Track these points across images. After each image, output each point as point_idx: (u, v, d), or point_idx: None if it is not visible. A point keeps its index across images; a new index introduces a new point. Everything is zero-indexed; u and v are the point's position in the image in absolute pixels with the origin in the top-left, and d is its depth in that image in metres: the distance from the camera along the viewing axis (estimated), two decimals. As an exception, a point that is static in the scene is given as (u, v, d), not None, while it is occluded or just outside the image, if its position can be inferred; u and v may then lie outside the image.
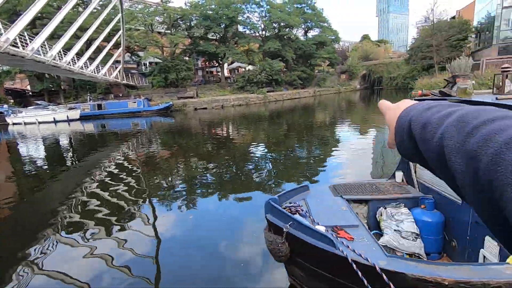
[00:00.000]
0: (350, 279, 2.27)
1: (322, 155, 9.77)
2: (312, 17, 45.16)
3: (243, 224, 5.03)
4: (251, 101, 34.18)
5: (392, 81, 48.15)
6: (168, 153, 11.78)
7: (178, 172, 8.80)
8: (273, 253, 2.71)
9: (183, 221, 5.35)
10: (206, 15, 35.05)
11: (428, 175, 3.50)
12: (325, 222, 2.75)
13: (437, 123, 0.40)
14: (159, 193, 6.89)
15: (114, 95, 32.68)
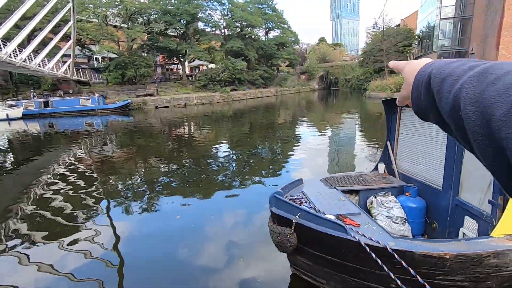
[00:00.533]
0: (361, 261, 2.44)
1: (284, 153, 9.96)
2: (273, 18, 46.09)
3: (206, 225, 4.87)
4: (215, 100, 33.77)
5: (347, 82, 51.27)
6: (126, 154, 11.00)
7: (138, 173, 8.25)
8: (280, 244, 2.78)
9: (143, 225, 5.03)
10: (166, 10, 33.73)
11: (408, 166, 3.87)
12: (329, 212, 2.89)
13: (458, 75, 0.39)
14: (116, 196, 6.41)
15: (63, 91, 29.85)
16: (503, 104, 0.29)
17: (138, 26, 31.66)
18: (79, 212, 5.51)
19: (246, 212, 5.22)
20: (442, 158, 3.24)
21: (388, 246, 2.24)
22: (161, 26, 34.52)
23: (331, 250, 2.61)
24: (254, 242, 4.20)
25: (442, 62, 0.46)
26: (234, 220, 4.94)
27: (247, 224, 4.82)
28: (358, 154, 9.26)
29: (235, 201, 5.77)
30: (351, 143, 11.17)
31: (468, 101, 0.34)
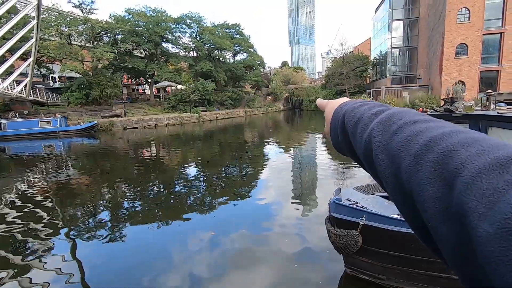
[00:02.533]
0: (427, 252, 2.80)
1: (253, 173, 10.02)
2: (241, 42, 47.82)
3: (174, 251, 4.66)
4: (186, 121, 33.39)
5: (311, 103, 54.22)
6: (89, 179, 10.24)
7: (101, 199, 7.72)
8: (346, 246, 3.05)
9: (106, 253, 4.70)
10: (134, 31, 33.31)
11: None
12: (386, 214, 3.25)
13: (367, 120, 0.42)
14: (76, 225, 5.93)
15: (17, 112, 27.27)
16: (406, 156, 0.31)
17: (104, 45, 30.68)
18: (34, 244, 5.05)
19: (215, 235, 5.07)
20: None
21: None
22: (129, 46, 33.86)
23: (397, 246, 2.94)
24: (224, 265, 4.14)
25: (353, 104, 0.52)
26: (202, 244, 4.79)
27: (217, 246, 4.68)
28: (324, 172, 9.56)
29: (204, 224, 5.65)
30: (317, 161, 11.44)
31: (378, 148, 0.37)
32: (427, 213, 0.27)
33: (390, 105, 0.46)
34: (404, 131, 0.34)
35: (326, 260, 4.16)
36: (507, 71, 25.37)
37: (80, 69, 28.04)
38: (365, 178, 8.49)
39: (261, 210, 6.31)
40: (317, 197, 7.12)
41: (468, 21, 25.46)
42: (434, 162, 0.27)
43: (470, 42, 25.67)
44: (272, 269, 4.03)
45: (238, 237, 4.98)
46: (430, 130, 0.31)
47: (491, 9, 25.16)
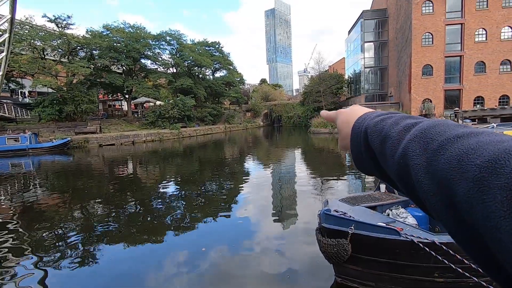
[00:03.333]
0: (410, 258, 2.99)
1: (233, 189, 9.91)
2: (220, 59, 48.58)
3: (150, 274, 4.45)
4: (165, 137, 32.87)
5: (290, 119, 55.50)
6: (60, 199, 9.69)
7: (73, 220, 7.26)
8: (337, 255, 3.18)
9: (78, 280, 4.42)
10: (112, 47, 32.91)
11: None
12: (373, 222, 3.43)
13: (397, 137, 0.38)
14: (45, 249, 5.53)
15: (-19, 129, 25.57)
16: (461, 182, 0.26)
17: (80, 60, 29.96)
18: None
19: (193, 256, 4.97)
20: None
21: (436, 240, 2.86)
22: (106, 62, 33.29)
23: (385, 252, 3.10)
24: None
25: (374, 118, 0.46)
26: (180, 266, 4.63)
27: (196, 268, 4.54)
28: (303, 187, 9.67)
29: (182, 244, 5.52)
30: (296, 176, 11.53)
31: (418, 171, 0.32)
32: (507, 255, 0.22)
33: (416, 115, 0.42)
34: (450, 149, 0.29)
35: (311, 275, 4.22)
36: (468, 90, 27.64)
37: (53, 84, 27.06)
38: (343, 192, 8.78)
39: (241, 227, 6.28)
40: (297, 212, 7.20)
41: (432, 45, 27.72)
42: (506, 189, 0.22)
43: (435, 64, 27.84)
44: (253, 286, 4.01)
45: (218, 257, 4.89)
46: (485, 146, 0.27)
47: (451, 34, 27.64)
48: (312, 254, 4.77)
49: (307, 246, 5.12)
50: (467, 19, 26.93)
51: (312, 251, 4.86)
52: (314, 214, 6.78)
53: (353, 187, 9.48)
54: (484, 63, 27.24)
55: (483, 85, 27.37)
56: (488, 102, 26.98)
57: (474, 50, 27.18)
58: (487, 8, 26.63)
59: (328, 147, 22.00)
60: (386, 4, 35.52)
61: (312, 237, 5.41)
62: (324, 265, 4.33)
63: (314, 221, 6.28)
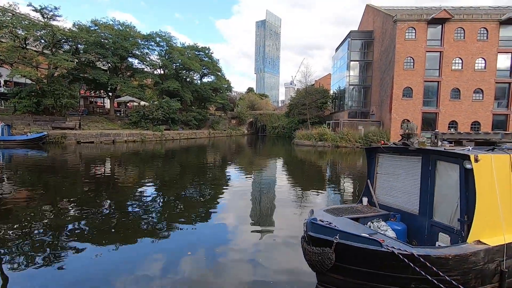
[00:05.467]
0: (390, 268, 3.16)
1: (212, 196, 9.84)
2: (209, 65, 48.64)
3: (121, 280, 4.30)
4: (147, 138, 32.21)
5: (274, 129, 56.12)
6: (29, 195, 9.29)
7: (41, 219, 6.94)
8: (321, 263, 3.29)
9: (42, 282, 4.23)
10: (99, 43, 32.18)
11: (386, 198, 4.99)
12: (356, 233, 3.58)
13: None
14: (7, 247, 5.28)
15: (-52, 116, 24.00)
16: None
17: (64, 54, 29.01)
18: None
19: (166, 260, 4.93)
20: (417, 189, 4.41)
21: (415, 253, 3.04)
22: (92, 57, 32.43)
23: (367, 262, 3.25)
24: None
25: None
26: (153, 272, 4.52)
27: (169, 274, 4.46)
28: (283, 196, 9.77)
29: (157, 249, 5.40)
30: (277, 186, 11.50)
31: None
32: None
33: None
34: None
35: (290, 284, 4.27)
36: (443, 114, 29.22)
37: (33, 76, 25.97)
38: (322, 203, 8.98)
39: (219, 234, 6.27)
40: (276, 221, 7.28)
41: (413, 69, 29.21)
42: None
43: (415, 87, 29.30)
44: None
45: (193, 263, 4.84)
46: None
47: (430, 60, 29.30)
48: (290, 264, 4.86)
49: (285, 255, 5.20)
50: (446, 48, 28.70)
51: (289, 260, 4.96)
52: (292, 225, 6.92)
53: (332, 199, 9.71)
54: (459, 90, 28.99)
55: (458, 111, 29.06)
56: (462, 127, 28.62)
57: (450, 77, 28.91)
58: (464, 39, 28.54)
59: (310, 159, 22.40)
60: (372, 26, 37.21)
61: (290, 247, 5.54)
62: (303, 275, 4.43)
63: (293, 231, 6.42)
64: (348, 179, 14.00)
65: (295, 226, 6.76)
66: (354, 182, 13.21)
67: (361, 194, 5.42)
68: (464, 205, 3.67)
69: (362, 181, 13.75)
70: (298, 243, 5.71)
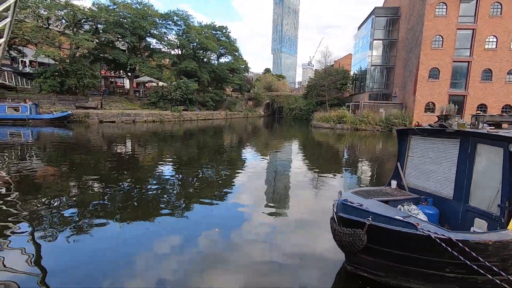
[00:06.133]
0: (426, 251, 3.09)
1: (228, 176, 9.92)
2: (227, 44, 47.91)
3: (140, 253, 4.50)
4: (166, 118, 32.72)
5: (291, 111, 55.36)
6: (56, 172, 9.79)
7: (68, 194, 7.35)
8: (351, 244, 3.27)
9: (70, 252, 4.54)
10: (118, 22, 32.26)
11: (417, 181, 4.83)
12: (389, 215, 3.47)
13: None
14: (39, 220, 5.64)
15: (-19, 95, 25.27)
16: None
17: (85, 34, 29.39)
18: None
19: (184, 238, 5.08)
20: (452, 173, 4.22)
21: (453, 237, 2.94)
22: (111, 37, 32.70)
23: (400, 245, 3.19)
24: (192, 270, 4.09)
25: None
26: (170, 246, 4.73)
27: (186, 250, 4.62)
28: (298, 179, 9.72)
29: (174, 226, 5.60)
30: (292, 169, 11.53)
31: None
32: None
33: None
34: None
35: (306, 266, 4.30)
36: (472, 96, 27.64)
37: (57, 55, 26.64)
38: (339, 187, 8.86)
39: (235, 214, 6.35)
40: (291, 203, 7.30)
41: (441, 48, 27.49)
42: None
43: (442, 67, 27.69)
44: (243, 273, 4.10)
45: (209, 241, 4.96)
46: None
47: (461, 39, 27.39)
48: (309, 246, 4.89)
49: (299, 237, 5.22)
50: (479, 25, 26.64)
51: (304, 243, 4.97)
52: (307, 207, 6.93)
53: (349, 183, 9.55)
54: (491, 71, 27.14)
55: (488, 93, 27.36)
56: (491, 111, 27.02)
57: (482, 57, 27.02)
58: (501, 15, 26.33)
59: (328, 142, 22.07)
60: (399, 2, 34.97)
61: (304, 229, 5.56)
62: (315, 258, 4.46)
63: (306, 213, 6.44)
64: (367, 163, 13.74)
65: (310, 209, 6.78)
66: (372, 166, 12.97)
67: (390, 176, 5.27)
68: (507, 191, 3.49)
69: (381, 165, 13.47)
70: (313, 225, 5.78)
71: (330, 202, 7.08)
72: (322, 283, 3.80)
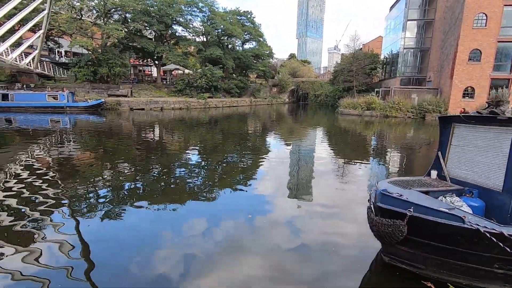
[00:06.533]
0: (473, 245, 2.93)
1: (252, 163, 9.99)
2: (251, 30, 47.25)
3: (168, 234, 4.75)
4: (192, 106, 33.34)
5: (316, 98, 54.02)
6: (92, 156, 10.48)
7: (103, 178, 7.79)
8: (390, 235, 3.16)
9: (106, 230, 4.90)
10: (146, 11, 32.84)
11: (461, 172, 4.54)
12: (432, 207, 3.29)
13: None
14: (77, 200, 6.10)
15: (24, 84, 27.15)
16: None
17: (114, 23, 30.29)
18: (36, 215, 5.24)
19: (209, 222, 5.24)
20: (502, 164, 3.90)
21: (505, 232, 2.76)
22: (139, 26, 33.44)
23: (443, 238, 3.05)
24: (216, 252, 4.19)
25: None
26: (196, 229, 4.93)
27: (210, 233, 4.79)
28: (322, 167, 9.48)
29: (199, 210, 5.78)
30: (317, 157, 11.29)
31: None
32: None
33: None
34: None
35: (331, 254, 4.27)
36: (518, 80, 25.29)
37: (90, 45, 27.82)
38: (365, 176, 8.60)
39: (257, 201, 6.40)
40: (314, 192, 7.22)
41: (484, 27, 25.15)
42: None
43: (484, 49, 25.41)
44: (264, 259, 4.13)
45: (233, 226, 5.06)
46: None
47: (509, 16, 24.82)
48: (335, 234, 4.85)
49: (328, 225, 5.19)
50: (531, -1, 23.96)
51: (327, 232, 4.93)
52: (331, 196, 6.83)
53: (376, 173, 9.20)
54: (542, 52, 24.54)
55: (537, 76, 24.87)
56: (539, 96, 24.60)
57: (533, 36, 24.43)
58: (558, -13, 23.45)
59: (355, 129, 21.40)
60: (437, -22, 32.22)
61: (332, 218, 5.50)
62: (340, 247, 4.40)
63: (330, 203, 6.36)
64: (396, 152, 13.15)
65: (333, 198, 6.68)
66: (402, 155, 12.40)
67: (430, 166, 4.98)
68: None
69: (412, 154, 12.86)
70: (336, 214, 5.71)
71: (358, 192, 6.98)
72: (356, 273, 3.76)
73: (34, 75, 28.91)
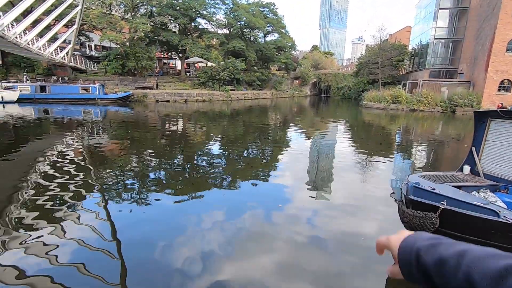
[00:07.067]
0: (508, 239, 2.97)
1: (272, 155, 10.13)
2: (274, 22, 46.77)
3: (190, 223, 4.98)
4: (215, 98, 33.88)
5: (339, 90, 52.83)
6: (120, 146, 11.08)
7: (131, 167, 8.16)
8: (422, 227, 3.25)
9: (137, 216, 5.17)
10: (171, 4, 33.47)
11: (496, 168, 4.49)
12: (467, 200, 3.33)
13: (455, 262, 0.47)
14: (110, 187, 6.50)
15: (59, 77, 28.83)
16: None
17: (141, 17, 31.21)
18: (70, 200, 5.65)
19: (229, 213, 5.40)
20: None
21: None
22: (165, 19, 34.18)
23: (477, 231, 3.10)
24: (235, 243, 4.31)
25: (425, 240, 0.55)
26: (217, 219, 5.08)
27: (230, 224, 4.92)
28: (343, 162, 9.41)
29: (221, 201, 5.90)
30: (338, 151, 11.22)
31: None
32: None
33: (457, 241, 0.53)
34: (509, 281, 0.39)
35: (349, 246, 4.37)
36: (562, 72, 23.47)
37: (118, 39, 28.92)
38: (387, 171, 8.50)
39: (277, 194, 6.49)
40: (333, 186, 7.22)
41: (525, 15, 23.44)
42: None
43: (525, 38, 23.76)
44: (281, 253, 4.25)
45: (252, 217, 5.21)
46: None
47: (554, 3, 22.96)
48: (345, 229, 4.93)
49: (340, 221, 5.22)
50: None
51: (345, 227, 4.96)
52: (351, 191, 6.80)
53: (400, 168, 9.02)
54: None
55: None
56: None
57: None
58: None
59: (380, 123, 20.94)
60: (474, -38, 30.19)
61: (346, 214, 5.53)
62: (360, 242, 4.47)
63: (350, 198, 6.35)
64: (422, 148, 12.77)
65: (353, 193, 6.67)
66: (428, 151, 12.03)
67: (463, 161, 4.95)
68: None
69: (439, 150, 12.48)
70: (356, 209, 5.73)
71: (381, 186, 6.96)
72: (383, 265, 3.84)
73: (68, 68, 30.54)
